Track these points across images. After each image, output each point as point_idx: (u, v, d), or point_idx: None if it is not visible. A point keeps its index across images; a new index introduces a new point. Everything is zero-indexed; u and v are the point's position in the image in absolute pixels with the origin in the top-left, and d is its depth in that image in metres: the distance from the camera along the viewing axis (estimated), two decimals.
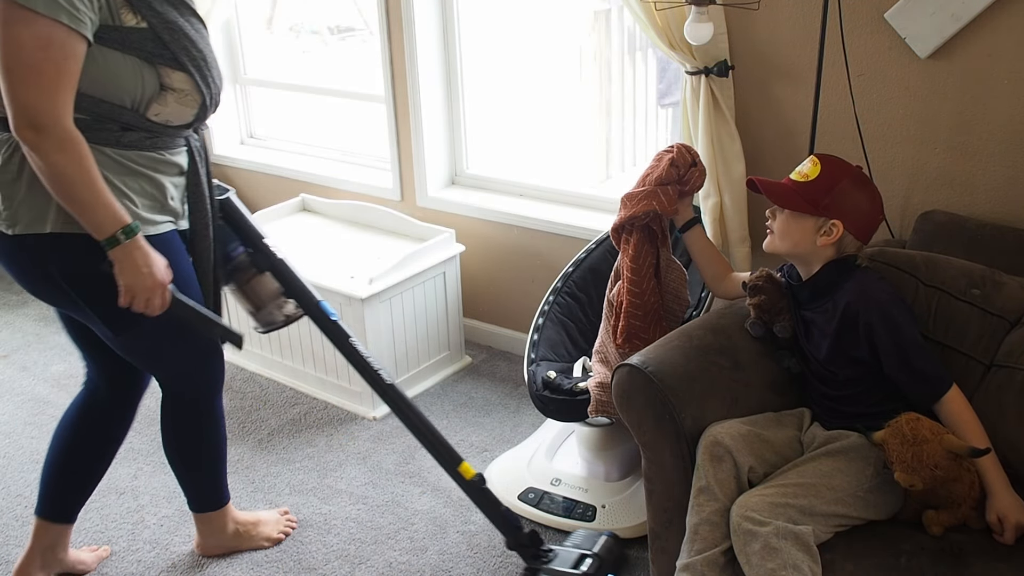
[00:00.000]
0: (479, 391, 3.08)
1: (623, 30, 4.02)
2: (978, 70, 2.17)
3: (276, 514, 2.44)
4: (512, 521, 2.11)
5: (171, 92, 1.77)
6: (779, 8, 2.37)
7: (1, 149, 1.74)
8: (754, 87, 2.48)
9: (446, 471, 2.10)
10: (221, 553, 2.35)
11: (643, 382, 1.82)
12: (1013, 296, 1.90)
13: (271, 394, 3.09)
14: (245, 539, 2.35)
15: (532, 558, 2.12)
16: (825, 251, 1.87)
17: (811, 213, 1.84)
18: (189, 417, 2.14)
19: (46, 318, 3.66)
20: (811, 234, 1.85)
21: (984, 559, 1.61)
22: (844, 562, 1.62)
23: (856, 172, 1.88)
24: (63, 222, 1.73)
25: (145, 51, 1.72)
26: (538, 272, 3.11)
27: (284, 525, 2.42)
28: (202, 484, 2.26)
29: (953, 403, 1.76)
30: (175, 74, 1.76)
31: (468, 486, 2.09)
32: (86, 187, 1.66)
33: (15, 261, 1.83)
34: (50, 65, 1.59)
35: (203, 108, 1.84)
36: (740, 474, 1.72)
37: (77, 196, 1.66)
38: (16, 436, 2.89)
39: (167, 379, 2.07)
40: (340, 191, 3.52)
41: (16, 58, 1.57)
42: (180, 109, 1.80)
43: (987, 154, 2.22)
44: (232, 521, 2.33)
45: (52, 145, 1.61)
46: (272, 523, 2.41)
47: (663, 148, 2.22)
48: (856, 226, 1.86)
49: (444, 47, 3.19)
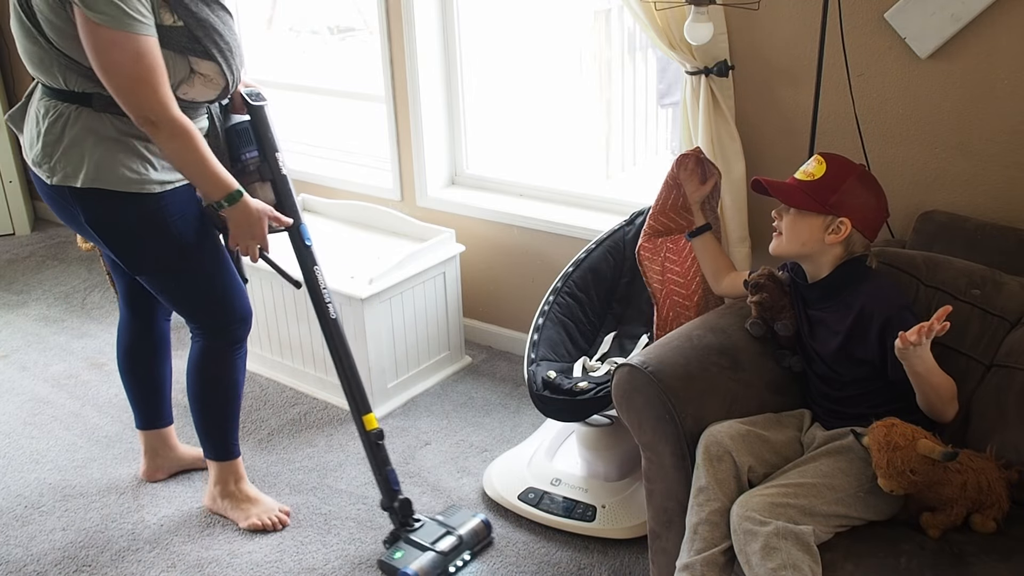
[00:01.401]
0: (479, 391, 3.08)
1: (623, 30, 4.02)
2: (978, 70, 2.17)
3: (276, 505, 2.49)
4: (392, 484, 2.29)
5: (199, 76, 2.05)
6: (779, 8, 2.37)
7: (50, 114, 2.02)
8: (754, 87, 2.48)
9: (352, 415, 2.31)
10: (213, 509, 2.49)
11: (643, 382, 1.82)
12: (1013, 296, 1.91)
13: (271, 394, 3.09)
14: (234, 505, 2.47)
15: (400, 524, 2.30)
16: (833, 249, 1.87)
17: (819, 211, 1.84)
18: (205, 360, 2.34)
19: (46, 318, 3.66)
20: (819, 232, 1.85)
21: (984, 559, 1.61)
22: (844, 562, 1.62)
23: (862, 170, 1.89)
24: (91, 179, 2.01)
25: (180, 46, 1.99)
26: (538, 272, 3.11)
27: (273, 515, 2.45)
28: (212, 431, 2.43)
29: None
30: (204, 63, 2.03)
31: (364, 436, 2.29)
32: (195, 165, 2.01)
33: (54, 201, 2.14)
34: (146, 71, 1.90)
35: (225, 89, 2.12)
36: (740, 474, 1.73)
37: (189, 172, 2.04)
38: (16, 436, 2.89)
39: (188, 319, 2.33)
40: (340, 191, 3.52)
41: (119, 76, 1.89)
42: (205, 90, 2.09)
43: (987, 154, 2.22)
44: (235, 483, 2.48)
45: (165, 135, 1.95)
46: (264, 509, 2.47)
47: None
48: (864, 223, 1.86)
49: (444, 47, 3.19)
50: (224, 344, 2.33)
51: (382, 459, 2.29)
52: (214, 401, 2.39)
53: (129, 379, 2.54)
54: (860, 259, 1.89)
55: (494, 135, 3.51)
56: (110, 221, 2.09)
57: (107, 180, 2.02)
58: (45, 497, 2.60)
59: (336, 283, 2.86)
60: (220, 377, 2.36)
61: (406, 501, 2.30)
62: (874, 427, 1.68)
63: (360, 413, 2.29)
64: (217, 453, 2.46)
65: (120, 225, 2.10)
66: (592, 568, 2.27)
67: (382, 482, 2.29)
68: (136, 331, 2.49)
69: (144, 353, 2.51)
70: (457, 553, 2.25)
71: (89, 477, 2.68)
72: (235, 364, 2.37)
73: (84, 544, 2.41)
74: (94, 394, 3.11)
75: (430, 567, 2.19)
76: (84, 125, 2.00)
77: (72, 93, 1.99)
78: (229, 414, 2.42)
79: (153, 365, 2.53)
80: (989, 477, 1.70)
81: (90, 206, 2.06)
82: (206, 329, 2.32)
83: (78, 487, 2.64)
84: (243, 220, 2.11)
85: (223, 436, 2.44)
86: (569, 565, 2.28)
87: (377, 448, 2.28)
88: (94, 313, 3.70)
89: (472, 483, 2.60)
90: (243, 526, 2.44)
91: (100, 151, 2.01)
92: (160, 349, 2.53)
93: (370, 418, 2.28)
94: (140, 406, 2.57)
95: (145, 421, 2.59)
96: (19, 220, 4.51)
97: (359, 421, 2.29)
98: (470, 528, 2.31)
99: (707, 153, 2.45)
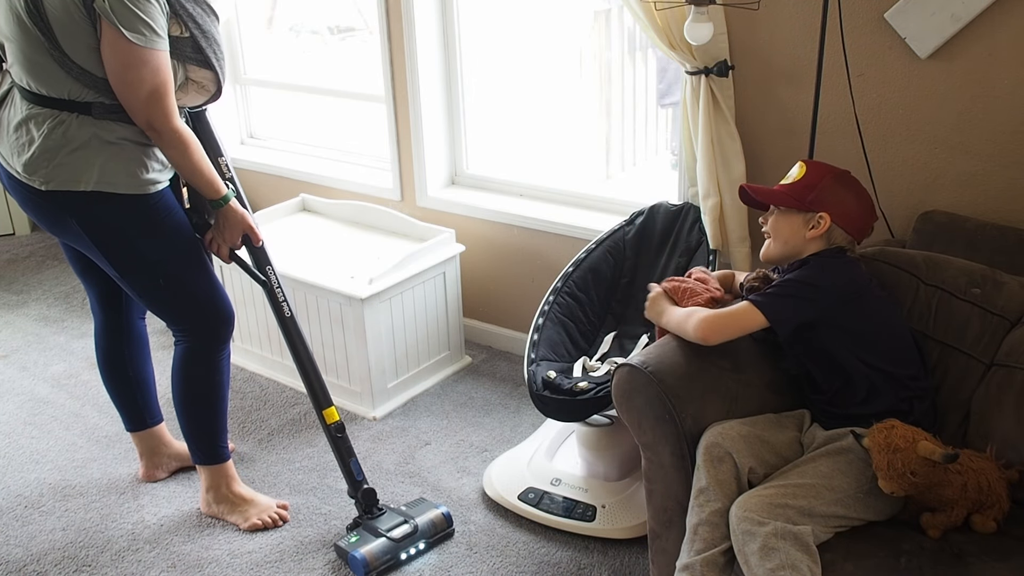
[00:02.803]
0: (479, 391, 3.08)
1: (623, 30, 4.02)
2: (978, 70, 2.17)
3: (272, 502, 2.50)
4: (356, 475, 2.36)
5: (193, 84, 2.12)
6: (779, 8, 2.36)
7: (48, 120, 2.04)
8: (754, 87, 2.48)
9: (314, 408, 2.38)
10: (210, 514, 2.48)
11: (643, 382, 1.82)
12: (1013, 296, 1.91)
13: (271, 394, 3.09)
14: (229, 509, 2.47)
15: (363, 511, 2.38)
16: (815, 244, 1.91)
17: (798, 207, 1.92)
18: (188, 363, 2.35)
19: (46, 318, 3.66)
20: (801, 229, 1.92)
21: (984, 559, 1.61)
22: (844, 562, 1.62)
23: (840, 171, 1.97)
24: (96, 183, 2.05)
25: (184, 55, 2.07)
26: (538, 272, 3.11)
27: (272, 512, 2.46)
28: (199, 435, 2.44)
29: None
30: (201, 71, 2.11)
31: (326, 428, 2.37)
32: (193, 171, 2.11)
33: (38, 207, 2.16)
34: (162, 85, 2.00)
35: (214, 95, 2.20)
36: (740, 475, 1.73)
37: (187, 175, 2.13)
38: (16, 436, 2.89)
39: (171, 323, 2.35)
40: (340, 191, 3.52)
41: (140, 90, 1.98)
42: (197, 96, 2.17)
43: (987, 154, 2.22)
44: (227, 485, 2.48)
45: (166, 143, 2.06)
46: (262, 508, 2.47)
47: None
48: (844, 219, 1.91)
49: (444, 47, 3.19)
50: (208, 346, 2.34)
51: (346, 450, 2.36)
52: (201, 404, 2.40)
53: (113, 383, 2.55)
54: (831, 250, 1.92)
55: (494, 135, 3.51)
56: (106, 223, 2.13)
57: (113, 183, 2.07)
58: (45, 497, 2.60)
59: (336, 283, 2.86)
60: (206, 379, 2.37)
61: (369, 490, 2.37)
62: (874, 429, 1.69)
63: (321, 407, 2.36)
64: (206, 457, 2.46)
65: (116, 226, 2.14)
66: (592, 568, 2.27)
67: (346, 472, 2.36)
68: (113, 333, 2.49)
69: (124, 354, 2.51)
70: (411, 541, 2.31)
71: (89, 477, 2.68)
72: (220, 366, 2.38)
73: (84, 544, 2.41)
74: (94, 394, 3.11)
75: (380, 552, 2.26)
76: (88, 130, 2.04)
77: (71, 102, 2.02)
78: (216, 416, 2.43)
79: (135, 364, 2.53)
80: (989, 478, 1.70)
81: (87, 209, 2.10)
82: (191, 332, 2.33)
83: (78, 487, 2.64)
84: (231, 222, 2.22)
85: (212, 440, 2.44)
86: (569, 565, 2.28)
87: (339, 440, 2.35)
88: None
89: (472, 483, 2.60)
90: (244, 528, 2.44)
91: (106, 155, 2.05)
92: (140, 347, 2.54)
93: (331, 411, 2.36)
94: (128, 408, 2.57)
95: (136, 422, 2.59)
96: (19, 220, 4.51)
97: (320, 415, 2.36)
98: (428, 519, 2.35)
99: (707, 153, 2.45)
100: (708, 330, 1.83)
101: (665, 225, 2.68)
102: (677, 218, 2.68)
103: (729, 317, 1.84)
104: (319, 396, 2.37)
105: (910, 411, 1.82)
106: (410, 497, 2.53)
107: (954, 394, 1.92)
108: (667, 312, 1.96)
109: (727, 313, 1.86)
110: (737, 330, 1.84)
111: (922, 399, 1.86)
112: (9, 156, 2.11)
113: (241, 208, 2.24)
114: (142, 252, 2.18)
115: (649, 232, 2.70)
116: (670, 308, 1.96)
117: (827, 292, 1.84)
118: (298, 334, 2.36)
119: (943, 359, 1.94)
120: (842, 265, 1.89)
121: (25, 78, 2.03)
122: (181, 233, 2.22)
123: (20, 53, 2.01)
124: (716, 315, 1.85)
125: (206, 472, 2.47)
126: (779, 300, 1.84)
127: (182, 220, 2.23)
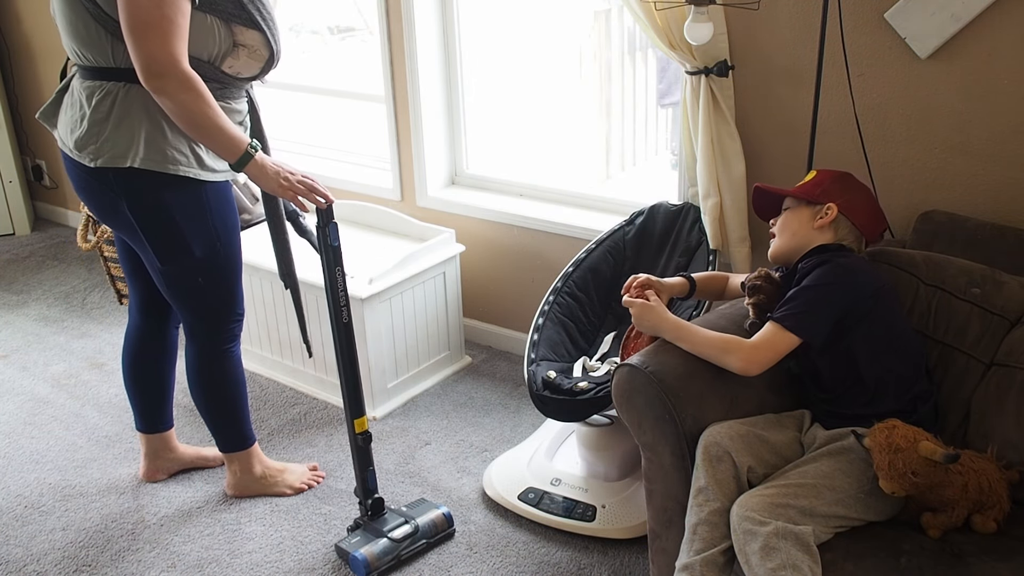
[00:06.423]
0: (479, 391, 3.08)
1: (623, 30, 4.02)
2: (978, 70, 2.17)
3: (304, 467, 2.61)
4: (369, 485, 2.36)
5: (243, 48, 2.04)
6: (779, 8, 2.37)
7: (96, 93, 2.00)
8: (754, 87, 2.48)
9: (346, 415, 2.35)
10: (248, 494, 2.54)
11: (643, 382, 1.82)
12: (1013, 295, 1.91)
13: (271, 394, 3.09)
14: (270, 483, 2.54)
15: (365, 512, 2.39)
16: (823, 235, 1.93)
17: (807, 199, 1.96)
18: (207, 362, 2.37)
19: (46, 318, 3.66)
20: (808, 220, 1.95)
21: (984, 560, 1.61)
22: (844, 562, 1.62)
23: (848, 173, 2.02)
24: (142, 159, 2.00)
25: (226, 12, 1.98)
26: (538, 272, 3.11)
27: (309, 477, 2.58)
28: (225, 426, 2.47)
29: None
30: (248, 32, 2.03)
31: (353, 437, 2.34)
32: (210, 118, 1.96)
33: (89, 188, 2.11)
34: (164, 20, 1.86)
35: (269, 62, 2.11)
36: (739, 475, 1.72)
37: (204, 126, 1.97)
38: (16, 436, 2.89)
39: (192, 319, 2.32)
40: (340, 191, 3.52)
41: (136, 17, 1.85)
42: (249, 63, 2.08)
43: (987, 154, 2.22)
44: (259, 464, 2.54)
45: (176, 87, 1.90)
46: (298, 473, 2.58)
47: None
48: (851, 211, 1.93)
49: (444, 47, 3.19)
50: (222, 342, 2.35)
51: (366, 460, 2.35)
52: (224, 398, 2.42)
53: (135, 384, 2.54)
54: (835, 244, 1.92)
55: (494, 135, 3.51)
56: (153, 204, 2.08)
57: (156, 160, 2.01)
58: (45, 497, 2.60)
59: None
60: (226, 372, 2.39)
61: (379, 500, 2.38)
62: (875, 429, 1.68)
63: (353, 415, 2.33)
64: (235, 444, 2.50)
65: (162, 210, 2.09)
66: (592, 568, 2.27)
67: (361, 481, 2.37)
68: (147, 337, 2.48)
69: (152, 359, 2.51)
70: (412, 542, 2.31)
71: (89, 477, 2.68)
72: (236, 359, 2.41)
73: (84, 544, 2.41)
74: (94, 394, 3.11)
75: (380, 552, 2.27)
76: (134, 100, 1.99)
77: (119, 70, 1.98)
78: (240, 405, 2.45)
79: (160, 371, 2.54)
80: (990, 478, 1.70)
81: (135, 189, 2.06)
82: (207, 327, 2.33)
83: (78, 487, 2.64)
84: (271, 168, 2.08)
85: (238, 426, 2.47)
86: (569, 565, 2.28)
87: (363, 450, 2.34)
88: (94, 313, 3.70)
89: (472, 483, 2.60)
90: (291, 494, 2.54)
91: (149, 126, 2.00)
92: (170, 356, 2.54)
93: (362, 421, 2.34)
94: (144, 410, 2.57)
95: (148, 425, 2.60)
96: (19, 220, 4.52)
97: (350, 422, 2.35)
98: (428, 519, 2.36)
99: (707, 153, 2.46)
100: (751, 363, 1.80)
101: (665, 225, 2.69)
102: (677, 218, 2.68)
103: (768, 349, 1.80)
104: (356, 404, 2.33)
105: (913, 412, 1.82)
106: (410, 497, 2.53)
107: (954, 394, 1.91)
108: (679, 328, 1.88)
109: (765, 344, 1.81)
110: (776, 358, 1.81)
111: (925, 400, 1.86)
112: (66, 136, 2.07)
113: (267, 158, 2.10)
114: (187, 239, 2.14)
115: (649, 232, 2.70)
116: (681, 324, 1.89)
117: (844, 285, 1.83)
118: (351, 342, 2.30)
119: (943, 359, 1.94)
120: (852, 260, 1.88)
121: (73, 46, 2.01)
122: (228, 230, 2.20)
123: (64, 19, 1.99)
124: (754, 348, 1.81)
125: (237, 458, 2.51)
126: (804, 316, 1.80)
127: (230, 217, 2.20)
